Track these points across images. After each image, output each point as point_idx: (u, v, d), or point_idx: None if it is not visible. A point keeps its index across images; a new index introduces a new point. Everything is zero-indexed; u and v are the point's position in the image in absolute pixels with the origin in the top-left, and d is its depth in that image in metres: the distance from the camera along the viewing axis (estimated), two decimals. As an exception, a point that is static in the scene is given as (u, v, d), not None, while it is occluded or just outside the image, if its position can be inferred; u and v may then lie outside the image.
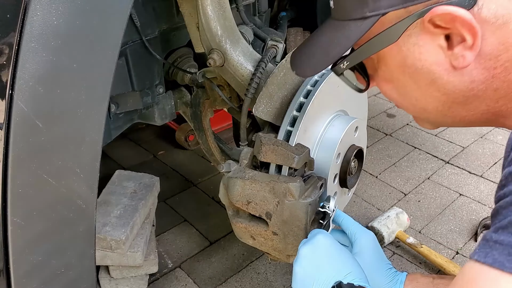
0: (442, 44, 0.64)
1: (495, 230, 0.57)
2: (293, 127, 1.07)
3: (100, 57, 0.81)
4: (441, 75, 0.67)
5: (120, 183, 1.81)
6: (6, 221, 0.82)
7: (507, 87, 0.65)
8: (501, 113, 0.69)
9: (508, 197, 0.56)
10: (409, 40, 0.66)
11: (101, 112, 0.86)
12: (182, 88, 1.57)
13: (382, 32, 0.67)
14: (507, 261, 0.53)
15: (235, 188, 1.06)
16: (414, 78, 0.70)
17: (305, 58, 0.78)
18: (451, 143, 2.61)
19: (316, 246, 0.89)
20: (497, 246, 0.55)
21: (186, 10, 1.22)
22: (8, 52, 0.72)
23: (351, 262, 0.86)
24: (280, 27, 1.74)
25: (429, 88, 0.70)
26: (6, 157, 0.77)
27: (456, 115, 0.73)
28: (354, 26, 0.68)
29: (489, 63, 0.64)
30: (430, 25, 0.63)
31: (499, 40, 0.62)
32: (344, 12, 0.70)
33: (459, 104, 0.70)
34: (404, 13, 0.64)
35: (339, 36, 0.71)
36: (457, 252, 1.90)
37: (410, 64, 0.68)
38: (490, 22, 0.61)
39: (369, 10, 0.66)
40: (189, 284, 1.79)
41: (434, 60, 0.66)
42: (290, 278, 1.78)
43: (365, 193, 2.25)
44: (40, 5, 0.71)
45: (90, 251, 0.99)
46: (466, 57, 0.63)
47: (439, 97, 0.70)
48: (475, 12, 0.61)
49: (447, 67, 0.66)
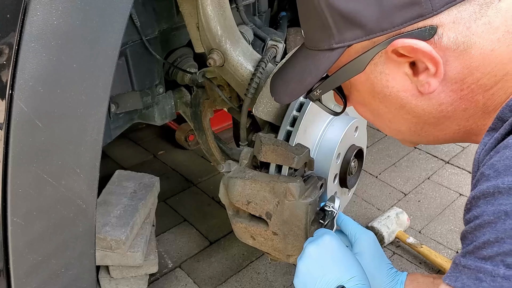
0: (407, 72, 0.67)
1: (463, 255, 0.59)
2: (293, 127, 1.07)
3: (100, 57, 0.81)
4: (409, 100, 0.69)
5: (120, 183, 1.81)
6: (6, 221, 0.82)
7: (475, 107, 0.67)
8: (472, 131, 0.71)
9: (472, 222, 0.58)
10: (376, 69, 0.69)
11: (101, 112, 0.86)
12: (182, 88, 1.57)
13: (350, 62, 0.70)
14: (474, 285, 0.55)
15: (235, 188, 1.05)
16: (384, 103, 0.72)
17: (282, 85, 0.82)
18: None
19: (322, 246, 0.90)
20: (465, 270, 0.57)
21: (186, 10, 1.22)
22: (8, 52, 0.72)
23: (355, 266, 0.86)
24: (280, 27, 1.74)
25: (399, 112, 0.72)
26: (6, 157, 0.77)
27: (429, 135, 0.75)
28: (323, 57, 0.71)
29: (456, 86, 0.66)
30: (393, 55, 0.65)
31: (462, 65, 0.64)
32: (313, 42, 0.73)
33: (431, 125, 0.72)
34: (369, 44, 0.67)
35: (310, 65, 0.74)
36: (457, 252, 1.90)
37: (379, 90, 0.71)
38: (451, 49, 0.63)
39: (335, 42, 0.68)
40: (189, 284, 1.79)
41: (401, 87, 0.68)
42: (290, 278, 1.78)
43: (365, 193, 2.25)
44: (40, 5, 0.71)
45: (90, 251, 0.99)
46: (431, 84, 0.65)
47: (410, 119, 0.73)
48: (436, 41, 0.63)
49: (414, 92, 0.68)
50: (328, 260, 0.87)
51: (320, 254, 0.89)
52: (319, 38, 0.71)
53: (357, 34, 0.66)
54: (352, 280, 0.83)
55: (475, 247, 0.57)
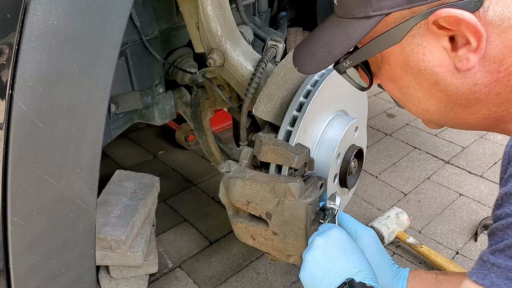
0: (446, 46, 0.64)
1: (492, 252, 0.57)
2: (293, 127, 1.07)
3: (100, 57, 0.81)
4: (444, 77, 0.66)
5: (120, 183, 1.81)
6: (6, 221, 0.82)
7: (509, 92, 0.64)
8: (503, 118, 0.68)
9: (504, 219, 0.57)
10: (413, 41, 0.66)
11: (101, 112, 0.86)
12: (182, 88, 1.57)
13: (385, 32, 0.67)
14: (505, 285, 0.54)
15: (235, 188, 1.05)
16: (417, 79, 0.69)
17: (307, 56, 0.77)
18: (451, 143, 2.61)
19: (330, 238, 0.89)
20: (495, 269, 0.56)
21: (186, 10, 1.22)
22: (8, 52, 0.72)
23: (363, 260, 0.85)
24: (280, 27, 1.74)
25: (432, 89, 0.69)
26: (6, 157, 0.77)
27: (458, 117, 0.72)
28: (357, 25, 0.68)
29: (493, 67, 0.63)
30: (434, 27, 0.62)
31: (504, 43, 0.61)
32: (348, 10, 0.69)
33: (461, 106, 0.69)
34: (408, 14, 0.64)
35: (341, 34, 0.70)
36: (457, 252, 1.90)
37: (413, 64, 0.68)
38: (495, 24, 0.60)
39: (372, 10, 0.65)
40: (189, 284, 1.79)
41: (438, 62, 0.66)
42: (290, 278, 1.78)
43: (365, 193, 2.25)
44: (40, 5, 0.71)
45: (90, 251, 0.99)
46: (470, 60, 0.63)
47: (442, 98, 0.70)
48: (481, 14, 0.60)
49: (450, 68, 0.65)
50: (336, 252, 0.86)
51: (328, 246, 0.87)
52: (355, 5, 0.67)
53: (397, 2, 0.63)
54: (360, 273, 0.81)
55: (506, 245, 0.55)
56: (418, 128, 2.76)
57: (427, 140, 2.65)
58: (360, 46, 0.72)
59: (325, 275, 0.83)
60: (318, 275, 0.84)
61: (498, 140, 2.62)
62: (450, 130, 2.73)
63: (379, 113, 2.95)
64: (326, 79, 1.10)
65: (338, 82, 1.14)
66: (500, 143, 2.60)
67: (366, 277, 0.81)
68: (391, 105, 2.99)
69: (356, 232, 0.98)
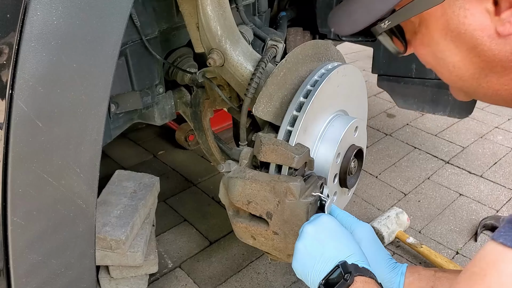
0: (489, 9, 0.62)
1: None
2: (293, 127, 1.07)
3: (100, 56, 0.81)
4: (483, 41, 0.65)
5: (120, 183, 1.81)
6: (6, 221, 0.82)
7: None
8: None
9: None
10: (455, 3, 0.64)
11: (101, 112, 0.86)
12: (182, 88, 1.57)
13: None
14: None
15: (235, 188, 1.05)
16: (456, 43, 0.68)
17: (344, 16, 0.76)
18: (451, 143, 2.61)
19: (320, 225, 0.88)
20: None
21: (186, 10, 1.22)
22: (8, 52, 0.72)
23: (353, 244, 0.85)
24: (280, 27, 1.74)
25: (469, 54, 0.68)
26: (6, 157, 0.77)
27: (490, 86, 0.70)
28: None
29: None
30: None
31: None
32: None
33: (496, 74, 0.68)
34: None
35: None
36: (457, 252, 1.90)
37: (453, 28, 0.66)
38: None
39: None
40: (189, 284, 1.79)
41: (479, 25, 0.64)
42: (290, 278, 1.78)
43: (365, 193, 2.25)
44: (40, 5, 0.71)
45: (90, 251, 0.99)
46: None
47: (478, 64, 0.68)
48: None
49: (491, 33, 0.64)
50: (326, 238, 0.85)
51: (317, 233, 0.87)
52: None
53: None
54: (351, 257, 0.81)
55: None
56: (418, 128, 2.76)
57: (427, 140, 2.65)
58: (398, 8, 0.70)
59: (317, 261, 0.83)
60: (310, 263, 0.84)
61: (498, 140, 2.62)
62: (450, 130, 2.73)
63: (379, 113, 2.95)
64: (326, 79, 1.10)
65: (338, 82, 1.14)
66: (500, 143, 2.60)
67: (358, 260, 0.81)
68: (391, 105, 2.99)
69: (351, 227, 0.98)
